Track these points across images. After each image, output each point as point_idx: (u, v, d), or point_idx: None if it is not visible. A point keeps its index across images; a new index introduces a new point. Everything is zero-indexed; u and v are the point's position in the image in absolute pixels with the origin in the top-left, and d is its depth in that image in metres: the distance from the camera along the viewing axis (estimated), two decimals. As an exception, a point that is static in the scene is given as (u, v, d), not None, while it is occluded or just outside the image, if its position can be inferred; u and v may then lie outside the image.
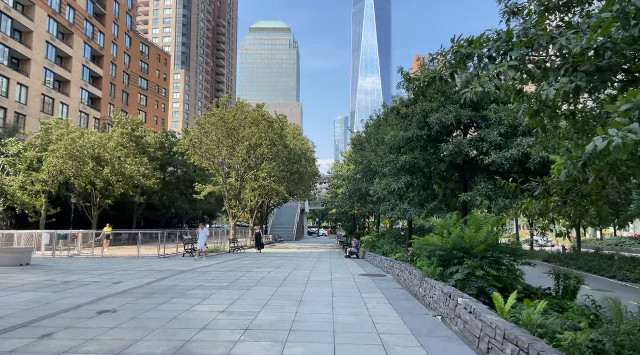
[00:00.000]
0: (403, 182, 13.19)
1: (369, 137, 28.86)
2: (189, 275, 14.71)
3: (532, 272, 17.40)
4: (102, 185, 37.27)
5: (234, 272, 15.75)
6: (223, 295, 10.57)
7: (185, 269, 16.88)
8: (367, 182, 28.51)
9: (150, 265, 18.58)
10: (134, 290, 11.22)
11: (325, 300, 10.10)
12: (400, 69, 14.20)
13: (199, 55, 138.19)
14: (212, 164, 36.61)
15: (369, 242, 29.14)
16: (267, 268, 17.88)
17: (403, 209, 19.46)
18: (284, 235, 57.84)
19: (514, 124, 12.10)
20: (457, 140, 12.12)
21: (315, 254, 30.04)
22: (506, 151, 11.23)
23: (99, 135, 36.65)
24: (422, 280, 10.82)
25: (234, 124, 34.31)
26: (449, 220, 11.12)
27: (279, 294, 10.90)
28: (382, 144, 23.34)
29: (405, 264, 14.26)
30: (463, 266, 9.68)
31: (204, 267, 17.94)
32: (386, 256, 20.55)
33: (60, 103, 55.75)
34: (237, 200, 37.20)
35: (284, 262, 22.06)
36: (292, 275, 15.28)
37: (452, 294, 8.20)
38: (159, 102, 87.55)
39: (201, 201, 57.83)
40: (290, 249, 38.27)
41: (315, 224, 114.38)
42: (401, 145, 14.29)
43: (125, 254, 25.02)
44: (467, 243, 9.97)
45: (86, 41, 60.88)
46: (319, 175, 46.68)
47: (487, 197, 11.58)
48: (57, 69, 55.02)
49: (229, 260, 22.26)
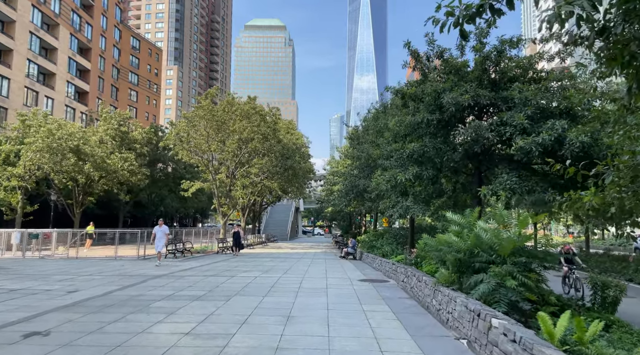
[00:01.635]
0: (411, 173, 11.30)
1: (366, 129, 27.00)
2: (162, 281, 12.78)
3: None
4: (84, 181, 35.20)
5: (216, 277, 13.84)
6: (194, 309, 8.67)
7: (162, 272, 14.95)
8: (365, 178, 26.66)
9: (125, 268, 16.63)
10: (87, 301, 9.29)
11: (318, 316, 8.24)
12: (407, 43, 12.38)
13: (192, 51, 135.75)
14: (201, 160, 34.63)
15: (366, 242, 27.32)
16: (254, 271, 15.97)
17: (405, 206, 17.60)
18: (278, 234, 55.90)
19: (542, 105, 10.28)
20: (475, 123, 10.26)
21: (309, 255, 28.18)
22: (535, 136, 9.39)
23: (78, 126, 34.48)
24: (435, 289, 8.98)
25: (224, 117, 32.33)
26: (469, 216, 9.27)
27: (264, 307, 9.02)
28: (381, 136, 21.51)
29: (410, 268, 12.42)
30: (489, 274, 7.83)
31: (184, 270, 16.02)
32: (386, 258, 18.73)
33: (44, 96, 53.52)
34: (228, 197, 35.23)
35: (275, 264, 20.17)
36: (281, 280, 13.39)
37: (482, 312, 6.37)
38: (150, 98, 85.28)
39: (191, 199, 55.99)
40: (282, 248, 36.38)
41: (310, 223, 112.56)
42: (407, 132, 12.41)
43: (103, 254, 23.03)
44: (492, 244, 8.13)
45: (73, 33, 58.58)
46: (313, 172, 44.76)
47: (512, 191, 9.75)
48: (41, 61, 52.75)
49: (214, 262, 20.34)
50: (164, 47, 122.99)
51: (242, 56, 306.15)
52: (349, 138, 33.40)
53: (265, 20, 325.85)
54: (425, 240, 9.81)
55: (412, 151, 11.19)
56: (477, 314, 6.51)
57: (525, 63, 11.98)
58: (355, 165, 29.14)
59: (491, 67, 11.79)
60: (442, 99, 10.79)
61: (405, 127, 12.22)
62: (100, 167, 34.14)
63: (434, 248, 9.55)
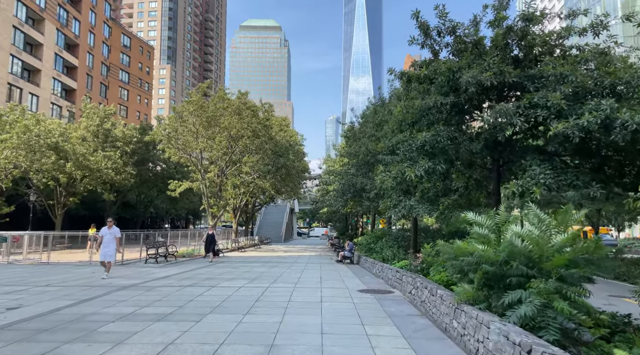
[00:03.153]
0: (422, 168, 9.48)
1: (365, 123, 25.26)
2: (129, 293, 10.92)
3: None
4: (66, 181, 33.19)
5: (193, 288, 11.98)
6: (153, 334, 6.84)
7: (133, 282, 13.07)
8: (363, 176, 24.90)
9: (94, 275, 14.74)
10: (21, 323, 7.44)
11: (310, 344, 6.44)
12: (415, 13, 10.62)
13: (185, 50, 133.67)
14: (190, 158, 32.73)
15: (364, 244, 25.55)
16: (239, 280, 14.13)
17: (409, 206, 15.85)
18: (272, 236, 53.92)
19: (580, 84, 8.53)
20: (501, 107, 8.50)
21: (304, 258, 26.36)
22: (577, 118, 7.64)
23: (57, 123, 32.49)
24: (457, 308, 7.20)
25: (215, 112, 30.45)
26: (494, 217, 7.50)
27: (242, 330, 7.21)
28: (381, 129, 19.74)
29: (418, 277, 10.65)
30: (529, 291, 6.07)
31: (160, 278, 14.16)
32: (387, 263, 16.95)
33: (29, 93, 51.53)
34: (218, 197, 33.33)
35: (265, 270, 18.34)
36: (268, 292, 11.57)
37: (534, 349, 4.60)
38: (142, 96, 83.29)
39: (182, 199, 54.03)
40: (276, 251, 34.52)
41: (305, 224, 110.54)
42: (415, 119, 10.63)
43: (77, 259, 21.11)
44: (531, 255, 6.38)
45: (59, 28, 56.55)
46: (308, 171, 42.90)
47: (547, 187, 7.99)
48: (25, 57, 50.74)
49: (198, 268, 18.48)
50: (157, 46, 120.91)
51: (237, 57, 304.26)
52: (345, 136, 31.49)
53: (261, 21, 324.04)
54: (440, 247, 8.03)
55: (423, 141, 9.37)
56: (526, 350, 4.73)
57: (552, 39, 10.26)
58: (352, 163, 27.36)
59: (514, 42, 10.04)
60: (460, 79, 9.00)
61: (412, 113, 10.42)
62: (82, 166, 32.17)
63: (451, 256, 7.78)
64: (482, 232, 7.26)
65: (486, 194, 12.45)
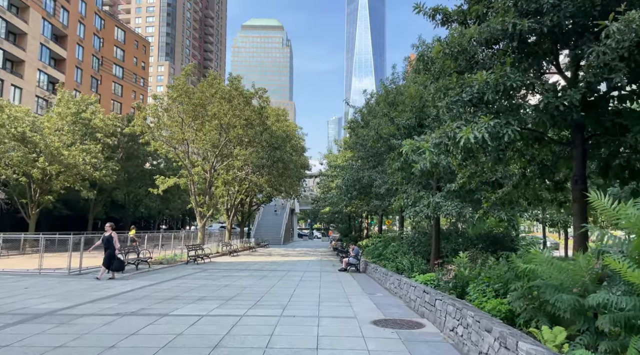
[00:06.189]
0: (485, 128, 5.74)
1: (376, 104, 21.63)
2: (30, 328, 7.33)
3: None
4: (40, 177, 29.70)
5: (134, 317, 8.35)
6: None
7: (58, 306, 9.44)
8: (371, 170, 21.29)
9: (27, 291, 11.16)
10: None
11: None
12: None
13: (184, 47, 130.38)
14: (175, 151, 29.18)
15: (371, 249, 21.95)
16: (209, 301, 10.50)
17: (434, 203, 12.25)
18: (270, 238, 50.31)
19: None
20: (626, 16, 4.90)
21: (302, 265, 22.77)
22: None
23: (26, 110, 28.99)
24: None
25: (202, 99, 26.92)
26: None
27: None
28: (394, 108, 16.09)
29: (466, 306, 7.03)
30: None
31: (103, 299, 10.57)
32: (405, 275, 13.34)
33: (10, 85, 48.10)
34: (207, 195, 29.76)
35: (252, 282, 14.75)
36: (240, 326, 7.91)
37: None
38: (137, 92, 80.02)
39: (175, 199, 50.55)
40: (272, 255, 30.93)
41: (307, 226, 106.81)
42: (462, 69, 6.98)
43: (24, 267, 17.53)
44: None
45: (45, 17, 53.17)
46: (308, 167, 39.27)
47: None
48: (7, 46, 47.34)
49: (167, 280, 14.86)
50: (154, 42, 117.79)
51: (239, 57, 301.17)
52: (350, 128, 27.66)
53: (263, 20, 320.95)
54: (536, 269, 4.44)
55: (483, 85, 5.68)
56: None
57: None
58: (358, 155, 23.74)
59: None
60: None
61: (457, 55, 6.70)
62: (56, 160, 28.68)
63: (555, 287, 4.16)
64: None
65: (554, 185, 8.78)
